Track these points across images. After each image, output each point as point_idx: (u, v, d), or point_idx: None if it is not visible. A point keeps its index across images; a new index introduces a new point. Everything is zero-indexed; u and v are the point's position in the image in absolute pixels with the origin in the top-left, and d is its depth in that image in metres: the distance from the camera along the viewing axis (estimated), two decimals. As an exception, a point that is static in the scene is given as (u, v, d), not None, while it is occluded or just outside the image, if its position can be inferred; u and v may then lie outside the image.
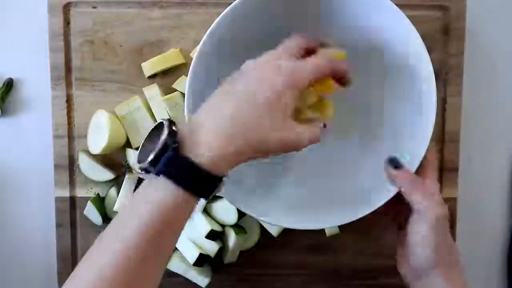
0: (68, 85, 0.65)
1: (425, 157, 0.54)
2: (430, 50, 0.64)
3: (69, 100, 0.65)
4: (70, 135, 0.65)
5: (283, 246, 0.66)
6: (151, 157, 0.42)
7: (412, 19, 0.64)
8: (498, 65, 0.68)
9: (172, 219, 0.42)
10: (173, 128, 0.43)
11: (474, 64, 0.67)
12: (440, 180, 0.65)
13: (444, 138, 0.65)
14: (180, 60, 0.64)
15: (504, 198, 0.69)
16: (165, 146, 0.42)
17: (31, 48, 0.67)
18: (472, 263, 0.69)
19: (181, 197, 0.42)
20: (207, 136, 0.43)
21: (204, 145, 0.42)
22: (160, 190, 0.42)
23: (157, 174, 0.42)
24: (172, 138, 0.42)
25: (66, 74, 0.64)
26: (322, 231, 0.66)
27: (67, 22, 0.64)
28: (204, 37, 0.54)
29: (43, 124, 0.66)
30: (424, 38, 0.64)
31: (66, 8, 0.64)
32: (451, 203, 0.66)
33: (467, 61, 0.65)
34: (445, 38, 0.64)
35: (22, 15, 0.67)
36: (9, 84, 0.67)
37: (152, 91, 0.63)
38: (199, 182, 0.42)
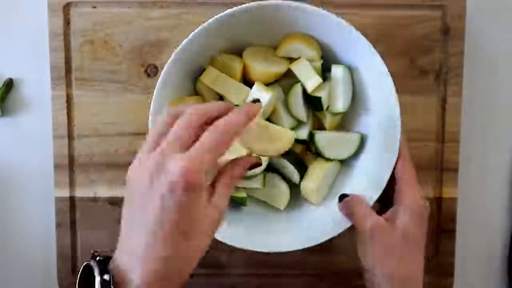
0: (68, 85, 0.65)
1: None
2: (430, 50, 0.64)
3: (69, 100, 0.65)
4: (70, 135, 0.65)
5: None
6: None
7: (412, 19, 0.64)
8: (498, 65, 0.68)
9: None
10: (105, 277, 0.41)
11: (474, 64, 0.67)
12: (440, 180, 0.66)
13: (444, 138, 0.65)
14: None
15: (504, 198, 0.69)
16: None
17: (31, 48, 0.67)
18: (472, 263, 0.69)
19: None
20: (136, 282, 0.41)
21: None
22: None
23: None
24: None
25: (66, 74, 0.64)
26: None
27: (67, 22, 0.64)
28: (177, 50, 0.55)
29: (43, 124, 0.66)
30: (424, 38, 0.64)
31: (66, 8, 0.64)
32: (451, 203, 0.66)
33: (467, 61, 0.65)
34: (445, 38, 0.64)
35: (22, 15, 0.67)
36: (9, 84, 0.67)
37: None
38: None
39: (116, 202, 0.65)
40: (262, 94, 0.57)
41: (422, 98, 0.65)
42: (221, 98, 0.59)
